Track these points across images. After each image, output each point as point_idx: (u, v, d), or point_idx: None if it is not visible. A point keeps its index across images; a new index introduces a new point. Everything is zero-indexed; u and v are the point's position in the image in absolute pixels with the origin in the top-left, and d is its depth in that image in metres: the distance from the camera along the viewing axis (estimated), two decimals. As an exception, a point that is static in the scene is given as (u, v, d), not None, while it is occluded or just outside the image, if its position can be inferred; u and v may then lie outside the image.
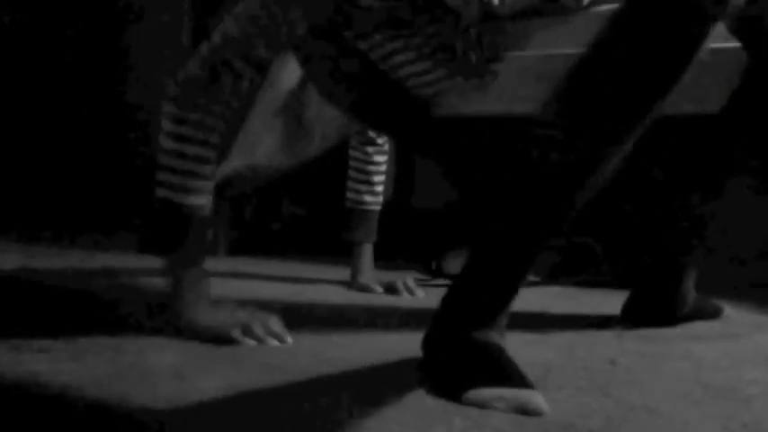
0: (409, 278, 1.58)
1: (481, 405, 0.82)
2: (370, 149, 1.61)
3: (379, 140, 1.62)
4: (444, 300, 0.94)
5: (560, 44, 1.06)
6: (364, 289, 1.58)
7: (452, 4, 1.11)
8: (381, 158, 1.63)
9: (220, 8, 2.47)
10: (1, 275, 1.59)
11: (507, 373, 0.86)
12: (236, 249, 2.15)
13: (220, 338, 1.06)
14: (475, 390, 0.83)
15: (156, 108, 1.18)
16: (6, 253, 1.86)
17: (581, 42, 1.04)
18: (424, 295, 1.53)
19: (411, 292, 1.54)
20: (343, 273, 1.66)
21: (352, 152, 1.63)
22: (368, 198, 1.62)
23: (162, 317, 1.17)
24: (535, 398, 0.82)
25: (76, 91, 2.80)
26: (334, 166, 1.84)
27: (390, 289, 1.56)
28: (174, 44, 2.64)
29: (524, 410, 0.81)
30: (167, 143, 1.10)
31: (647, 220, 1.28)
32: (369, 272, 1.61)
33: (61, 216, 2.57)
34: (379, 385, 0.90)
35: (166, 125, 1.11)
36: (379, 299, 1.50)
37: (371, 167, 1.62)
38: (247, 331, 1.06)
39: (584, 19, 1.05)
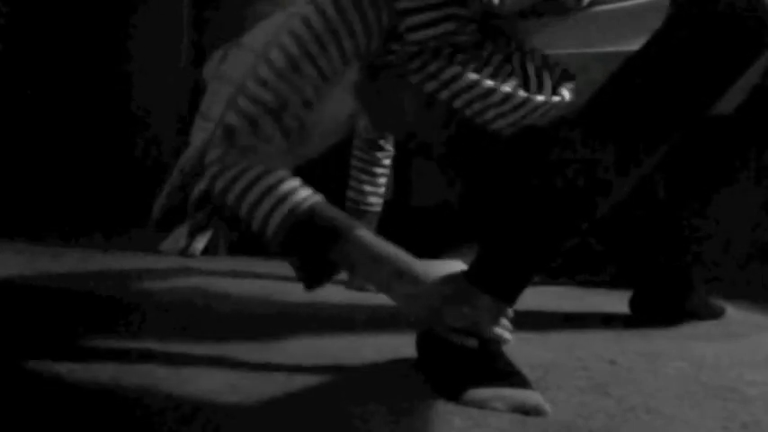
0: None
1: (480, 404, 0.82)
2: (378, 153, 1.61)
3: (387, 145, 1.62)
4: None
5: (560, 44, 1.06)
6: (361, 288, 1.58)
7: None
8: (388, 162, 1.63)
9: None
10: (3, 277, 1.58)
11: (506, 373, 0.86)
12: (236, 249, 2.15)
13: None
14: (474, 389, 0.83)
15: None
16: (9, 254, 1.86)
17: (581, 42, 1.04)
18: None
19: None
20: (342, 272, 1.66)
21: (357, 153, 1.63)
22: (372, 199, 1.62)
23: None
24: (533, 397, 0.82)
25: (76, 91, 2.80)
26: (333, 166, 1.84)
27: None
28: (173, 43, 2.64)
29: (523, 410, 0.81)
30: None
31: (651, 220, 1.28)
32: None
33: (64, 218, 2.57)
34: (378, 384, 0.90)
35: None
36: (376, 298, 1.50)
37: (379, 170, 1.62)
38: None
39: (585, 19, 1.05)
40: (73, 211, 2.63)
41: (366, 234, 0.96)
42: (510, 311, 0.92)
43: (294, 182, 0.97)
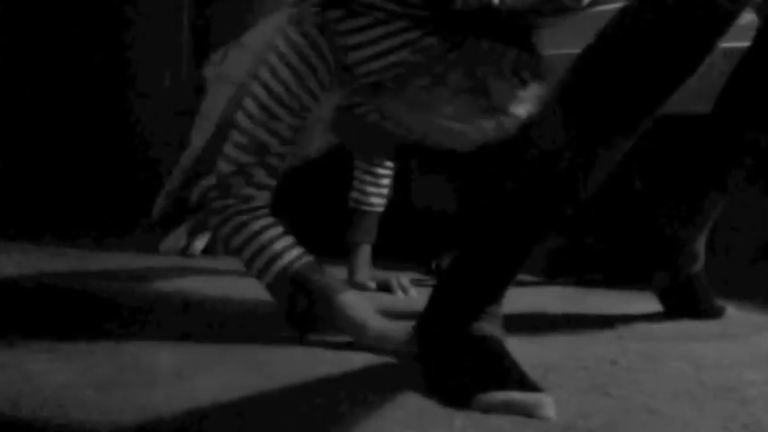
0: (404, 277, 1.58)
1: (488, 411, 0.81)
2: None
3: None
4: (435, 291, 0.93)
5: (560, 44, 1.06)
6: (359, 287, 1.58)
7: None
8: (390, 163, 1.63)
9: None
10: (3, 276, 1.59)
11: (512, 376, 0.84)
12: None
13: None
14: (481, 396, 0.82)
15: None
16: (6, 253, 1.86)
17: (581, 42, 1.04)
18: (417, 294, 1.53)
19: (405, 290, 1.54)
20: (339, 272, 1.66)
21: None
22: (375, 200, 1.62)
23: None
24: (543, 402, 0.81)
25: (74, 92, 2.80)
26: (332, 166, 1.83)
27: (384, 287, 1.56)
28: (173, 43, 2.64)
29: (532, 416, 0.80)
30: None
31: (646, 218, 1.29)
32: (365, 270, 1.61)
33: (63, 217, 2.57)
34: (377, 384, 0.90)
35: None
36: (377, 297, 1.50)
37: (381, 170, 1.61)
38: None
39: (585, 19, 1.05)
40: (72, 210, 2.63)
41: (350, 297, 1.10)
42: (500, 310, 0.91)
43: (286, 241, 1.12)
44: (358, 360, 1.01)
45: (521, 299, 1.48)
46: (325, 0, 1.10)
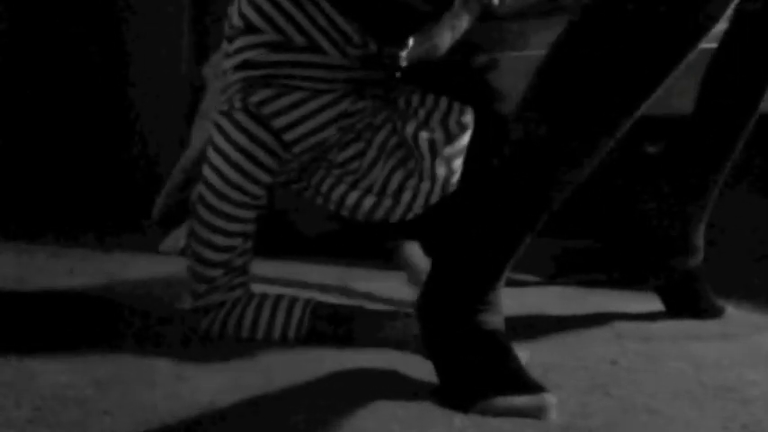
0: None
1: (495, 416, 0.80)
2: None
3: None
4: (434, 270, 0.90)
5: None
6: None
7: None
8: None
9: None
10: (1, 275, 1.58)
11: (516, 379, 0.83)
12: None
13: None
14: (484, 403, 0.82)
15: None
16: (8, 254, 1.86)
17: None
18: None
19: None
20: (339, 272, 1.66)
21: None
22: None
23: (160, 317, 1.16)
24: (545, 404, 0.80)
25: (74, 92, 2.80)
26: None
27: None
28: (173, 43, 2.64)
29: (537, 417, 0.79)
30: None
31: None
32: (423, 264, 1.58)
33: (63, 218, 2.57)
34: (377, 384, 0.90)
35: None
36: (375, 296, 1.50)
37: None
38: None
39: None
40: (72, 210, 2.63)
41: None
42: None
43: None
44: (358, 360, 1.00)
45: (521, 299, 1.48)
46: (246, 84, 1.06)
